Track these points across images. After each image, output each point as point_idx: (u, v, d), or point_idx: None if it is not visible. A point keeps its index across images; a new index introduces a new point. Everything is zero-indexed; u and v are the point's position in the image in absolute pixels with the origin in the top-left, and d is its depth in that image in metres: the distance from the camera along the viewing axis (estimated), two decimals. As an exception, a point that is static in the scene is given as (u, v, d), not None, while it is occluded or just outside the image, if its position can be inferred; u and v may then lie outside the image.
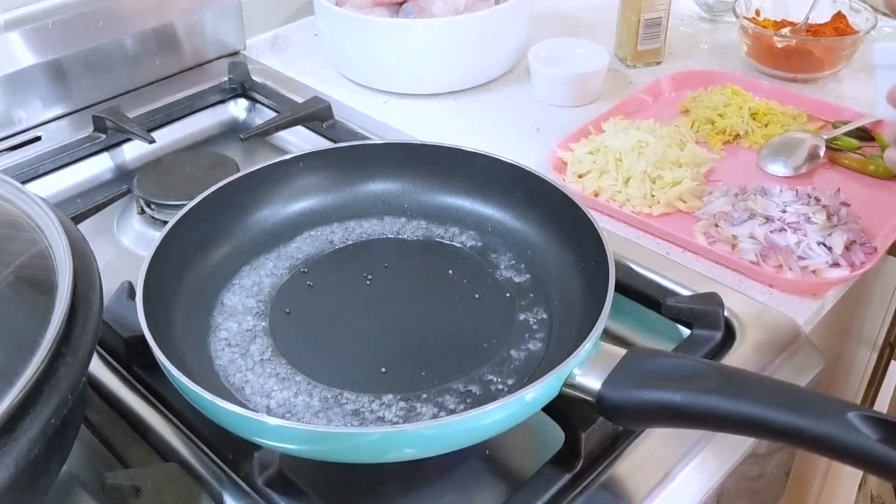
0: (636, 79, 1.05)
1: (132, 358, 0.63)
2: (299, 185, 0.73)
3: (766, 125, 0.92)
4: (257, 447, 0.54)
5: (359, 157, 0.74)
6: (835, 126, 0.91)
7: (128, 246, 0.82)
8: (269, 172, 0.72)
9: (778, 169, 0.86)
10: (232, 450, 0.56)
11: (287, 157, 0.73)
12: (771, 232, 0.75)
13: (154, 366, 0.62)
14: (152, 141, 0.89)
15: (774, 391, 0.47)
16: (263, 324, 0.64)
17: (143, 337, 0.58)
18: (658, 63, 1.07)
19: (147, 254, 0.62)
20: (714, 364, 0.51)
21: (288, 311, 0.65)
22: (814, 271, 0.73)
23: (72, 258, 0.49)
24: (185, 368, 0.54)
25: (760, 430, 0.47)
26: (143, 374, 0.63)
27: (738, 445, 0.60)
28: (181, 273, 0.65)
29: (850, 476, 1.03)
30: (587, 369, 0.53)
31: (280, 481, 0.55)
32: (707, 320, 0.65)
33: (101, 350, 0.65)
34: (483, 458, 0.61)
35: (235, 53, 1.09)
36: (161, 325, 0.59)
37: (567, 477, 0.56)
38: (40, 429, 0.41)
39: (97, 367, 0.64)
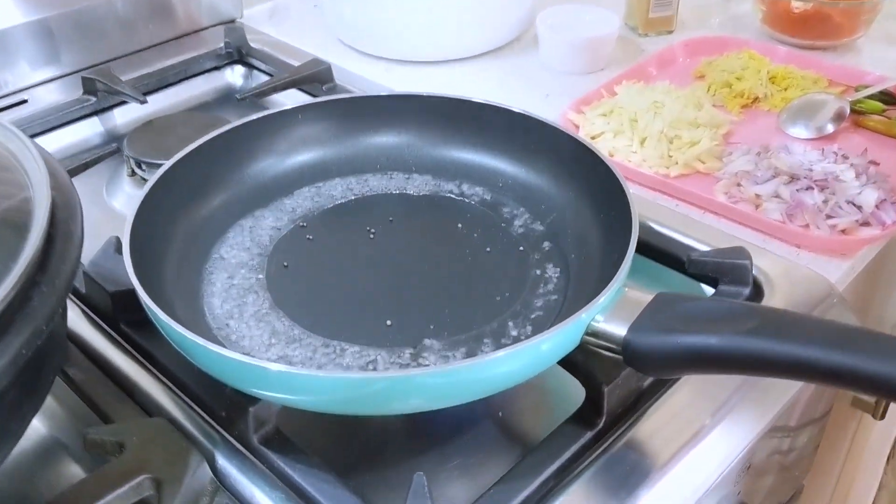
0: (647, 47, 1.01)
1: (118, 314, 0.59)
2: (298, 137, 0.69)
3: (785, 89, 0.88)
4: (252, 403, 0.50)
5: (361, 110, 0.70)
6: (857, 90, 0.87)
7: (118, 209, 0.78)
8: (265, 123, 0.68)
9: (800, 132, 0.82)
10: (224, 406, 0.52)
11: (285, 107, 0.69)
12: (797, 190, 0.71)
13: (141, 322, 0.58)
14: (144, 101, 0.85)
15: (821, 330, 0.43)
16: (259, 276, 0.60)
17: (130, 291, 0.54)
18: (670, 32, 1.04)
19: (136, 200, 0.57)
20: (751, 304, 0.47)
21: (286, 264, 0.61)
22: (843, 230, 0.69)
23: (50, 187, 0.45)
24: (175, 319, 0.50)
25: (806, 371, 0.42)
26: (129, 331, 0.59)
27: (772, 404, 0.56)
28: (172, 224, 0.61)
29: (875, 450, 0.98)
30: (611, 315, 0.49)
31: (277, 440, 0.51)
32: (734, 275, 0.61)
33: (84, 307, 0.61)
34: (495, 420, 0.57)
35: (231, 22, 1.05)
36: (150, 277, 0.55)
37: (588, 435, 0.52)
38: (10, 359, 0.37)
39: (81, 324, 0.60)
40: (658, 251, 0.65)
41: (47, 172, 0.47)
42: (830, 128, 0.82)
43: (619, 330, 0.48)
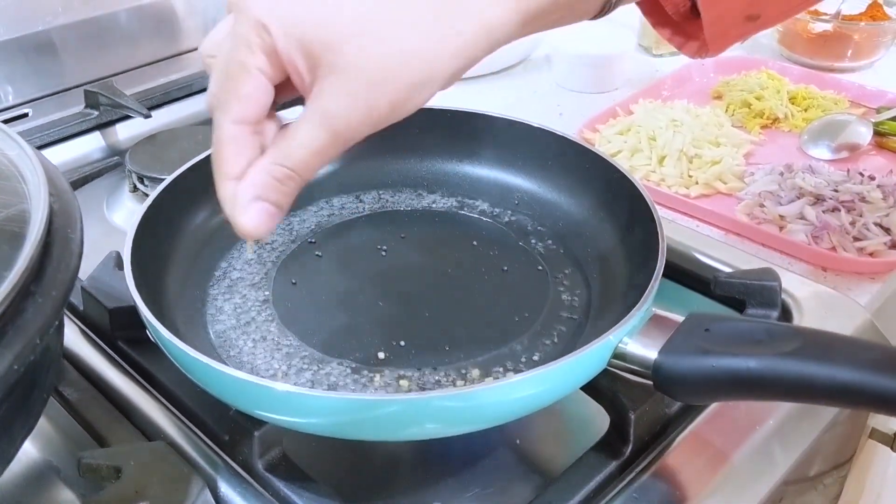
0: (662, 67, 0.99)
1: (117, 331, 0.56)
2: (307, 151, 0.67)
3: (805, 109, 0.86)
4: (257, 427, 0.47)
5: (373, 124, 0.68)
6: (878, 111, 0.85)
7: (118, 225, 0.75)
8: (274, 136, 0.65)
9: (822, 152, 0.80)
10: (228, 430, 0.49)
11: (294, 120, 0.66)
12: (823, 212, 0.69)
13: (140, 340, 0.56)
14: (149, 115, 0.83)
15: (869, 353, 0.40)
16: (266, 293, 0.57)
17: (129, 308, 0.52)
18: (684, 52, 1.02)
19: (138, 212, 0.55)
20: (792, 325, 0.44)
21: (294, 281, 0.58)
22: (871, 253, 0.67)
23: (48, 193, 0.42)
24: (177, 336, 0.47)
25: (853, 397, 0.39)
26: (128, 349, 0.56)
27: (806, 433, 0.53)
28: (174, 239, 0.58)
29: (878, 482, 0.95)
30: (640, 337, 0.46)
31: (283, 466, 0.48)
32: (763, 297, 0.58)
33: (81, 324, 0.58)
34: (513, 447, 0.54)
35: (238, 38, 1.03)
36: (151, 293, 0.52)
37: (614, 465, 0.49)
38: (1, 374, 0.34)
39: (77, 341, 0.57)
40: (681, 272, 0.63)
41: (45, 178, 0.44)
42: (852, 150, 0.80)
43: (650, 353, 0.45)
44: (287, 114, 0.86)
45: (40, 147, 0.82)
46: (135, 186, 0.77)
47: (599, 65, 0.92)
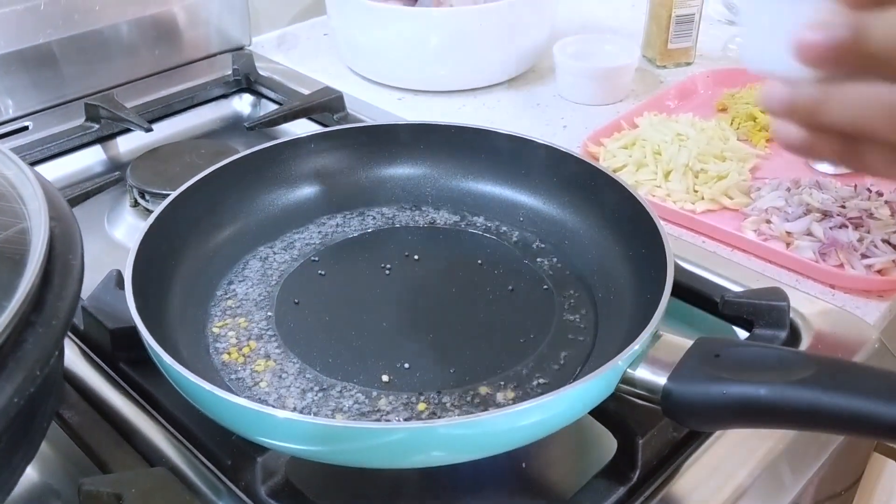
0: (666, 79, 0.98)
1: (118, 352, 0.55)
2: (310, 167, 0.66)
3: (811, 123, 0.85)
4: (260, 452, 0.46)
5: (376, 139, 0.67)
6: (885, 125, 0.84)
7: (119, 241, 0.74)
8: (276, 153, 0.65)
9: (827, 167, 0.79)
10: (231, 455, 0.48)
11: (297, 136, 0.66)
12: (831, 228, 0.68)
13: (142, 362, 0.55)
14: (150, 129, 0.82)
15: (882, 381, 0.39)
16: (269, 313, 0.56)
17: (130, 329, 0.51)
18: (689, 64, 1.01)
19: (139, 232, 0.54)
20: (803, 352, 0.43)
21: (297, 301, 0.58)
22: (879, 270, 0.66)
23: (48, 217, 0.42)
24: (179, 360, 0.46)
25: (866, 427, 0.39)
26: (129, 371, 0.55)
27: (815, 456, 0.52)
28: (176, 258, 0.58)
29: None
30: (648, 362, 0.46)
31: (286, 492, 0.47)
32: (771, 318, 0.57)
33: (82, 344, 0.58)
34: (518, 472, 0.53)
35: (240, 49, 1.03)
36: (153, 313, 0.51)
37: (621, 490, 0.48)
38: (1, 408, 0.33)
39: (78, 363, 0.56)
40: (688, 291, 0.62)
41: (45, 201, 0.43)
42: (860, 163, 0.79)
43: (658, 378, 0.45)
44: (292, 127, 0.86)
45: (40, 160, 0.82)
46: (136, 201, 0.76)
47: (604, 76, 0.92)
